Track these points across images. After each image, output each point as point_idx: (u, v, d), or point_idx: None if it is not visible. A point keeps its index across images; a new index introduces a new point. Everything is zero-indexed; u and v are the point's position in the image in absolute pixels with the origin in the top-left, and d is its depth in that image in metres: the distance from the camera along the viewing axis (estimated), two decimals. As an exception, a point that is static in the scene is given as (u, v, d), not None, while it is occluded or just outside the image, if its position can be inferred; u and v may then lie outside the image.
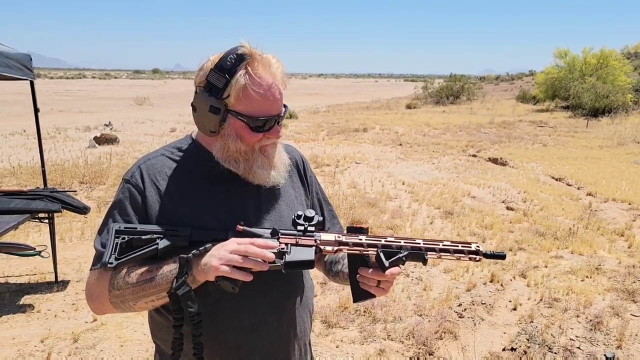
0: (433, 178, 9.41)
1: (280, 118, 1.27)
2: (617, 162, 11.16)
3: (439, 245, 1.20)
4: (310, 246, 1.21)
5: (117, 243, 1.17)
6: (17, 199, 4.22)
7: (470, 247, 1.20)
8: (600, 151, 12.79)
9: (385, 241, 1.21)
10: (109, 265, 1.15)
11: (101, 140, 12.81)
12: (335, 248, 1.22)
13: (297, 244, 1.20)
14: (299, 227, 1.23)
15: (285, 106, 1.30)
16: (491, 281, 4.74)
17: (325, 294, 4.40)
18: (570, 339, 3.71)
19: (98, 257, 1.23)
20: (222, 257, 1.10)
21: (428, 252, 1.20)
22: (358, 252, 1.22)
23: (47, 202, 4.26)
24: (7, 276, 4.64)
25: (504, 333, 3.83)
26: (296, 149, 1.56)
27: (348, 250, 1.22)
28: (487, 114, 23.86)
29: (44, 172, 4.96)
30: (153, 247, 1.17)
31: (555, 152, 12.73)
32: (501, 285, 4.67)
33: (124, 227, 1.19)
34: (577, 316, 4.06)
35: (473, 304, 4.27)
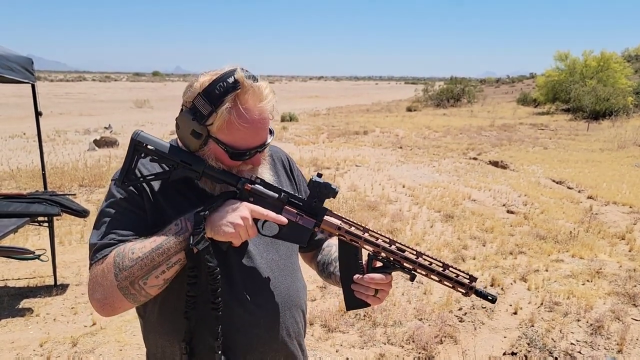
0: (433, 181, 9.40)
1: (263, 147, 1.26)
2: (618, 165, 11.15)
3: (435, 268, 1.20)
4: (308, 228, 1.23)
5: (136, 159, 1.22)
6: (17, 203, 4.21)
7: (467, 279, 1.19)
8: (601, 154, 12.78)
9: (383, 241, 1.22)
10: (125, 183, 1.20)
11: (101, 143, 12.82)
12: (337, 230, 1.23)
13: (296, 223, 1.22)
14: (313, 191, 1.22)
15: (271, 132, 1.29)
16: (492, 285, 4.72)
17: (325, 298, 4.39)
18: (571, 343, 3.69)
19: (96, 250, 1.19)
20: (232, 227, 1.13)
21: (417, 270, 1.20)
22: (351, 242, 1.22)
23: (46, 206, 4.25)
24: (6, 280, 4.63)
25: (505, 337, 3.82)
26: (281, 149, 1.57)
27: (339, 235, 1.23)
28: (488, 117, 23.87)
29: (44, 175, 4.96)
30: (166, 174, 1.22)
31: (556, 155, 12.72)
32: (502, 289, 4.65)
33: (146, 144, 1.22)
34: (578, 320, 4.05)
35: (473, 308, 4.25)
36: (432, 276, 1.20)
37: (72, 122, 18.95)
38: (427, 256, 1.21)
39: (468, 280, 1.18)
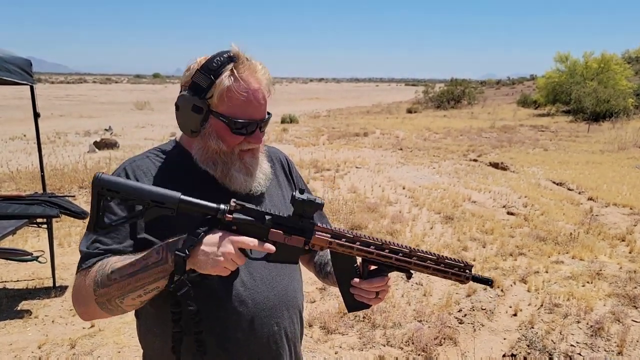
0: (433, 182, 9.39)
1: (262, 123, 1.29)
2: (618, 167, 11.13)
3: (430, 264, 1.20)
4: (299, 247, 1.18)
5: (103, 204, 1.11)
6: (16, 204, 4.21)
7: (462, 267, 1.20)
8: (601, 156, 12.77)
9: (375, 247, 1.19)
10: (98, 231, 1.13)
11: (101, 144, 12.82)
12: (328, 244, 1.19)
13: (284, 243, 1.17)
14: (297, 208, 1.15)
15: (269, 113, 1.31)
16: (491, 286, 4.71)
17: (325, 300, 4.38)
18: (571, 345, 3.68)
19: (82, 259, 1.21)
20: (216, 263, 1.08)
21: (415, 268, 1.20)
22: (345, 253, 1.20)
23: (45, 207, 4.25)
24: (5, 281, 4.62)
25: (504, 339, 3.80)
26: (280, 150, 1.58)
27: (331, 248, 1.19)
28: (488, 119, 23.86)
29: (43, 177, 4.96)
30: (138, 214, 1.13)
31: (556, 156, 12.71)
32: (501, 290, 4.64)
33: (109, 188, 1.09)
34: (578, 322, 4.03)
35: (473, 310, 4.24)
36: (428, 272, 1.21)
37: (72, 124, 18.96)
38: (421, 252, 1.20)
39: (464, 269, 1.20)
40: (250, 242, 1.11)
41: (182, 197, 1.11)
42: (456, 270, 1.19)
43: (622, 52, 51.03)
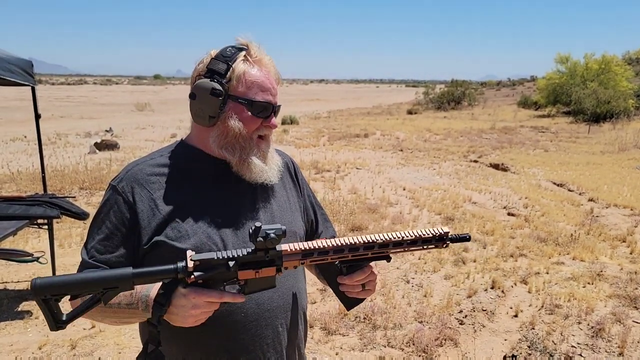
0: (434, 184, 9.39)
1: (277, 108, 1.34)
2: (618, 168, 11.13)
3: (406, 248, 1.19)
4: (272, 275, 1.14)
5: (50, 307, 1.01)
6: (16, 205, 4.22)
7: (438, 238, 1.18)
8: (601, 157, 12.76)
9: (349, 251, 1.17)
10: (59, 330, 1.05)
11: (101, 146, 12.83)
12: (300, 262, 1.15)
13: (255, 278, 1.13)
14: (259, 245, 1.08)
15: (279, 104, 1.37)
16: (492, 287, 4.71)
17: (325, 301, 4.38)
18: (572, 346, 3.68)
19: (81, 265, 1.25)
20: (187, 320, 1.09)
21: (394, 253, 1.20)
22: (324, 262, 1.17)
23: (46, 208, 4.25)
24: (6, 282, 4.62)
25: (505, 340, 3.80)
26: (285, 153, 1.58)
27: (311, 262, 1.16)
28: (489, 120, 23.87)
29: (43, 178, 4.96)
30: (96, 300, 1.05)
31: (557, 157, 12.70)
32: (502, 291, 4.64)
33: (52, 293, 1.00)
34: (579, 323, 4.03)
35: (474, 311, 4.24)
36: (408, 251, 1.22)
37: (73, 125, 18.98)
38: (397, 236, 1.18)
39: (440, 238, 1.19)
40: (218, 298, 1.09)
41: (135, 271, 1.03)
42: (434, 242, 1.19)
43: (623, 54, 51.09)
